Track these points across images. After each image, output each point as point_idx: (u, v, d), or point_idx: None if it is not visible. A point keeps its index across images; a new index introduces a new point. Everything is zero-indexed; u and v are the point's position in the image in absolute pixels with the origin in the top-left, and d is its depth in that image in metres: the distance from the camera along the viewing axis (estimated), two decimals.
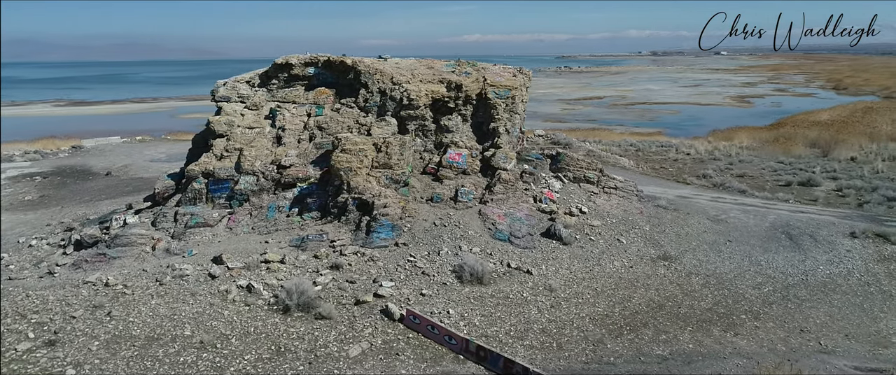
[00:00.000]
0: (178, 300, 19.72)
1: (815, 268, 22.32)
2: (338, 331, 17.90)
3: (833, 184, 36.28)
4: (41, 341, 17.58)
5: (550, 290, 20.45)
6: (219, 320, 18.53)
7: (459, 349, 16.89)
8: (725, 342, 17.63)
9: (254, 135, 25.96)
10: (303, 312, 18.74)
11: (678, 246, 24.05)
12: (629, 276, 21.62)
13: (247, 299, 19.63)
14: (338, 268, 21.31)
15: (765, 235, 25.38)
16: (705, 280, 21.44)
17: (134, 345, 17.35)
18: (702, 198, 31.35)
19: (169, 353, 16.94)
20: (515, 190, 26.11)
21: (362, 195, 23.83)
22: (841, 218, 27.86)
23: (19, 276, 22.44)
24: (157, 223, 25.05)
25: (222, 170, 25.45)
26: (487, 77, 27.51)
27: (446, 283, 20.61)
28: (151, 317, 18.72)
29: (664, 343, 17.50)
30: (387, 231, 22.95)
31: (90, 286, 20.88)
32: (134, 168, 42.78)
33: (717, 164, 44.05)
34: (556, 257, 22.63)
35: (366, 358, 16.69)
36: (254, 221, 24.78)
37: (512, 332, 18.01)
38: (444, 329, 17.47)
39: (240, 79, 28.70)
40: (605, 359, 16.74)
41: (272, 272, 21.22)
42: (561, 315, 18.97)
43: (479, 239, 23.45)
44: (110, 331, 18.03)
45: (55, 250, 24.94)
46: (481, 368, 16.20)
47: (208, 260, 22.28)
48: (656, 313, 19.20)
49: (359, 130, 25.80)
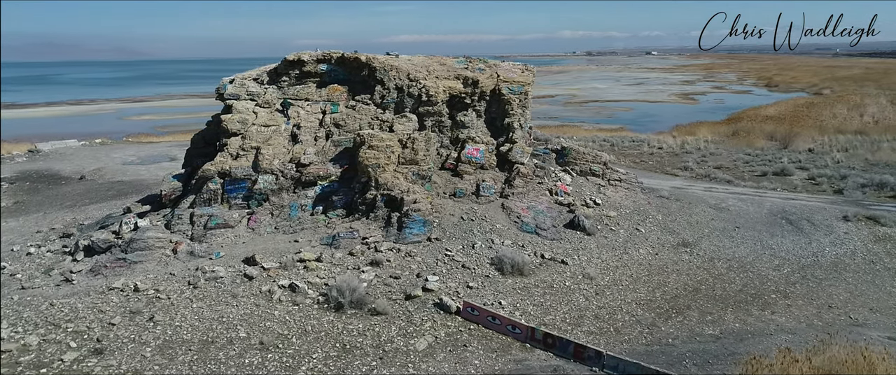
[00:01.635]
0: (220, 302, 19.18)
1: (821, 250, 23.88)
2: (397, 326, 17.88)
3: (805, 174, 38.68)
4: (86, 350, 16.79)
5: (589, 278, 21.07)
6: (271, 320, 18.15)
7: (524, 337, 17.21)
8: (766, 320, 18.69)
9: (270, 133, 25.40)
10: (356, 309, 18.60)
11: (693, 234, 25.17)
12: (657, 263, 22.50)
13: (293, 298, 19.29)
14: (378, 265, 21.21)
15: (767, 221, 26.91)
16: (728, 264, 22.58)
17: (190, 349, 16.80)
18: (696, 189, 32.84)
19: (230, 356, 16.51)
20: (533, 184, 26.64)
21: (391, 191, 23.76)
22: (828, 203, 29.86)
23: (32, 285, 21.19)
24: (172, 226, 24.16)
25: (239, 169, 24.78)
26: (500, 73, 27.90)
27: (488, 275, 20.88)
28: (198, 321, 18.16)
29: (712, 324, 18.39)
30: (419, 226, 22.99)
31: (118, 292, 20.03)
32: (108, 171, 40.82)
33: (691, 157, 46.06)
34: (584, 247, 23.27)
35: (435, 351, 16.77)
36: (277, 221, 24.28)
37: (567, 319, 18.49)
38: (507, 318, 17.76)
39: (246, 76, 27.95)
40: (663, 341, 17.46)
41: (311, 271, 20.91)
42: (607, 301, 19.60)
43: (508, 232, 23.82)
44: (159, 336, 17.39)
45: (61, 257, 23.64)
46: (550, 355, 16.58)
47: (239, 262, 21.74)
48: (694, 296, 20.12)
49: (380, 126, 25.68)
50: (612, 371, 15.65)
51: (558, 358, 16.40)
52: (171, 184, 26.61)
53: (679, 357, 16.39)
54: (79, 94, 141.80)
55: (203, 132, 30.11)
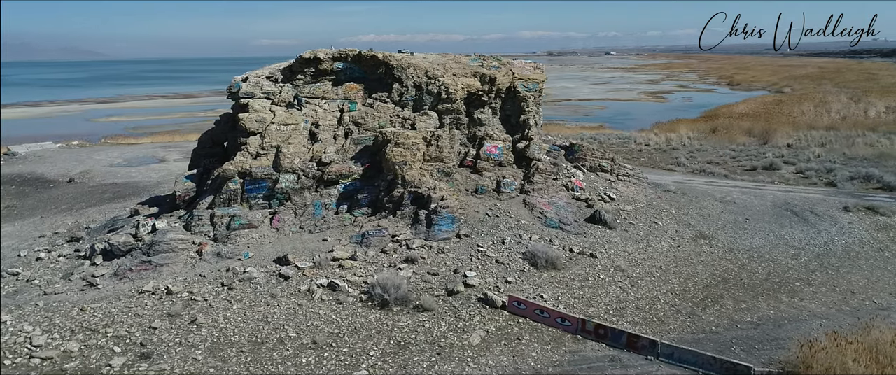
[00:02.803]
0: (260, 303, 18.90)
1: (831, 239, 24.89)
2: (447, 322, 17.93)
3: (792, 168, 40.14)
4: (133, 354, 16.36)
5: (621, 271, 21.50)
6: (317, 320, 17.99)
7: (575, 329, 17.48)
8: (797, 306, 19.43)
9: (289, 131, 25.07)
10: (401, 306, 18.58)
11: (707, 226, 25.91)
12: (681, 255, 23.10)
13: (335, 297, 19.14)
14: (413, 262, 21.21)
15: (773, 213, 27.89)
16: (748, 254, 23.33)
17: (241, 351, 16.54)
18: (697, 183, 33.77)
19: (285, 356, 16.31)
20: (551, 180, 26.99)
21: (418, 189, 23.77)
22: (825, 195, 31.11)
23: (54, 290, 20.48)
24: (192, 227, 23.63)
25: (260, 169, 24.41)
26: (514, 71, 28.17)
27: (523, 270, 21.11)
28: (243, 322, 17.87)
29: (748, 312, 19.01)
30: (447, 223, 23.07)
31: (149, 295, 19.56)
32: (97, 174, 39.55)
33: (679, 153, 47.26)
34: (608, 241, 23.71)
35: (490, 345, 16.89)
36: (301, 220, 24.01)
37: (610, 311, 18.85)
38: (555, 311, 18.01)
39: (259, 74, 27.54)
40: (707, 329, 17.97)
41: (346, 269, 20.78)
42: (644, 292, 20.05)
43: (533, 227, 24.10)
44: (206, 339, 17.05)
45: (77, 261, 22.90)
46: (603, 346, 16.89)
47: (270, 262, 21.46)
48: (724, 286, 20.74)
49: (402, 124, 25.64)
50: (667, 360, 16.07)
51: (611, 349, 16.74)
52: (185, 185, 26.03)
53: (726, 344, 16.92)
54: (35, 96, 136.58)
55: (211, 131, 29.55)
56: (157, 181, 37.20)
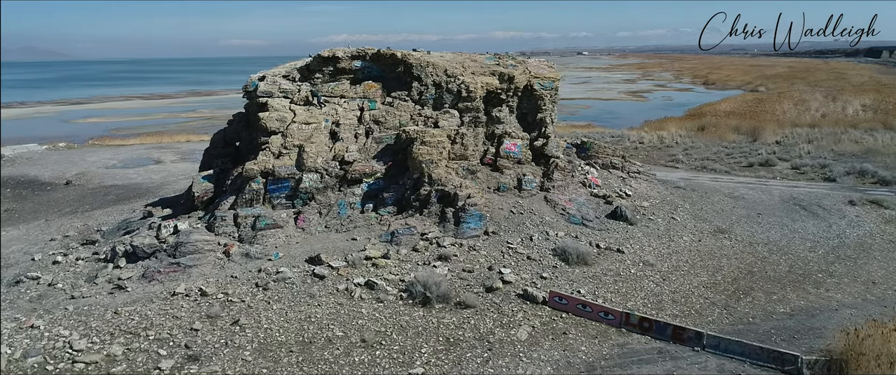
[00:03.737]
0: (299, 303, 18.77)
1: (843, 232, 25.65)
2: (491, 318, 18.03)
3: (787, 164, 41.18)
4: (180, 357, 16.14)
5: (650, 265, 21.85)
6: (361, 318, 17.93)
7: (618, 323, 17.72)
8: (825, 297, 19.99)
9: (311, 130, 24.87)
10: (443, 303, 18.61)
11: (723, 221, 26.47)
12: (704, 249, 23.57)
13: (375, 296, 19.10)
14: (446, 259, 21.26)
15: (782, 207, 28.61)
16: (768, 248, 23.90)
17: (291, 351, 16.42)
18: (702, 179, 34.43)
19: (336, 355, 16.23)
20: (570, 178, 27.27)
21: (445, 187, 23.81)
22: (828, 190, 32.02)
23: (81, 294, 20.00)
24: (215, 228, 23.30)
25: (283, 168, 24.18)
26: (530, 69, 28.38)
27: (555, 266, 21.32)
28: (286, 322, 17.73)
29: (779, 303, 19.49)
30: (476, 221, 23.16)
31: (183, 297, 19.29)
32: (94, 176, 38.65)
33: (673, 150, 48.10)
34: (632, 236, 24.07)
35: (538, 340, 17.03)
36: (326, 220, 23.86)
37: (648, 304, 19.15)
38: (598, 305, 18.24)
39: (275, 72, 27.26)
40: (744, 320, 18.39)
41: (381, 268, 20.73)
42: (677, 286, 20.41)
43: (557, 224, 24.34)
44: (252, 339, 16.88)
45: (99, 264, 22.38)
46: (648, 338, 17.16)
47: (301, 262, 21.30)
48: (751, 278, 21.23)
49: (425, 123, 25.64)
50: (714, 350, 16.41)
51: (657, 341, 17.03)
52: (203, 186, 25.65)
53: (766, 335, 17.34)
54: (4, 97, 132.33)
55: (224, 131, 29.20)
56: (159, 182, 36.52)
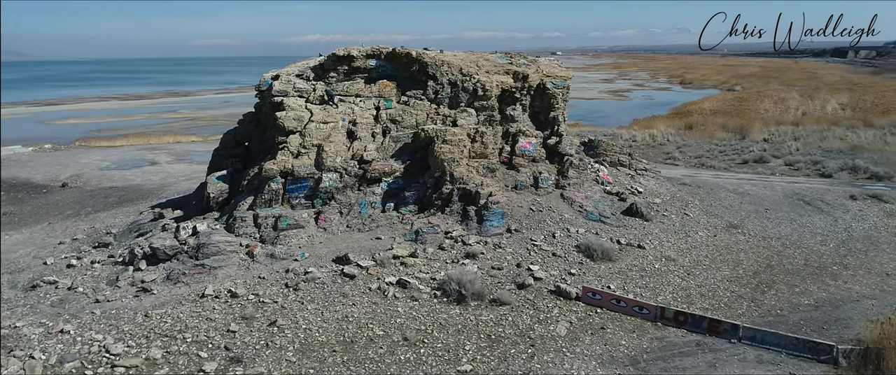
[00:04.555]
0: (333, 302, 18.68)
1: (849, 226, 26.39)
2: (528, 314, 18.16)
3: (780, 161, 42.17)
4: (222, 359, 15.98)
5: (672, 260, 22.22)
6: (399, 317, 17.92)
7: (653, 317, 18.00)
8: (844, 288, 20.56)
9: (329, 130, 24.71)
10: (478, 300, 18.69)
11: (734, 216, 27.01)
12: (720, 244, 24.03)
13: (408, 294, 19.10)
14: (474, 257, 21.34)
15: (787, 202, 29.32)
16: (781, 242, 24.48)
17: (334, 350, 16.35)
18: (704, 176, 35.08)
19: (380, 353, 16.20)
20: (584, 175, 27.57)
21: (466, 185, 23.89)
22: (828, 185, 32.91)
23: (105, 298, 19.62)
24: (235, 228, 23.05)
25: (302, 168, 24.00)
26: (542, 68, 28.61)
27: (581, 262, 21.54)
28: (324, 322, 17.64)
29: (803, 295, 20.00)
30: (498, 219, 23.28)
31: (213, 298, 19.10)
32: (90, 178, 37.80)
33: (667, 148, 48.85)
34: (649, 232, 24.43)
35: (577, 335, 17.21)
36: (348, 219, 23.75)
37: (678, 298, 19.48)
38: (632, 300, 18.50)
39: (288, 71, 27.04)
40: (772, 312, 18.82)
41: (409, 267, 20.73)
42: (702, 280, 20.80)
43: (576, 220, 24.59)
44: (292, 340, 16.77)
45: (117, 267, 21.97)
46: (684, 332, 17.47)
47: (328, 261, 21.20)
48: (771, 272, 21.73)
49: (443, 121, 25.68)
50: (750, 342, 16.78)
51: (693, 334, 17.34)
52: (217, 186, 25.32)
53: (796, 326, 17.77)
54: None
55: (234, 131, 28.87)
56: (160, 184, 35.89)
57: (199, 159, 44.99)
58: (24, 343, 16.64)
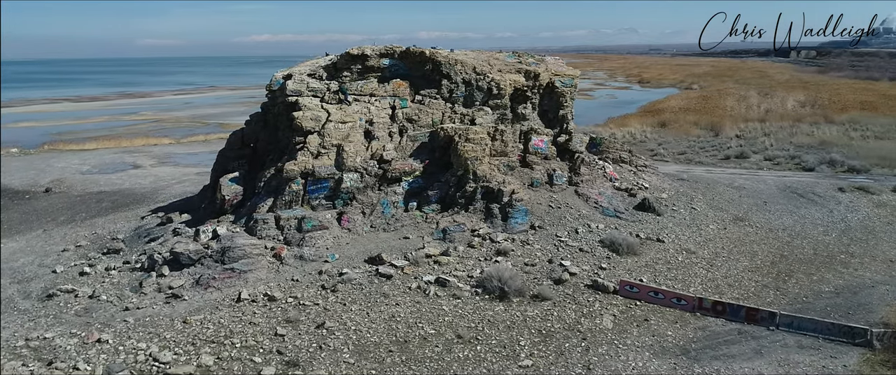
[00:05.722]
0: (376, 303, 18.57)
1: (845, 216, 27.70)
2: (571, 309, 18.44)
3: (760, 156, 43.86)
4: (278, 363, 15.74)
5: (692, 253, 22.90)
6: (445, 315, 17.95)
7: (691, 308, 18.54)
8: (857, 276, 21.60)
9: (347, 129, 24.48)
10: (520, 297, 18.88)
11: (737, 209, 27.98)
12: (732, 236, 24.88)
13: (450, 292, 19.14)
14: (505, 254, 21.52)
15: (781, 195, 30.55)
16: (787, 233, 25.51)
17: (390, 350, 16.26)
18: (698, 172, 36.17)
19: (438, 352, 16.20)
20: (595, 172, 28.08)
21: (489, 183, 24.03)
22: (814, 178, 34.43)
23: (133, 305, 18.97)
24: (257, 231, 22.61)
25: (323, 168, 23.70)
26: (550, 68, 29.00)
27: (609, 256, 21.99)
28: (371, 323, 17.52)
29: (821, 283, 20.93)
30: (522, 216, 23.53)
31: (250, 302, 18.77)
32: (74, 182, 36.25)
33: (648, 145, 50.10)
34: (664, 226, 25.10)
35: (624, 328, 17.58)
36: (371, 219, 23.57)
37: (708, 289, 20.10)
38: (670, 292, 19.01)
39: (300, 71, 26.64)
40: (798, 300, 19.63)
41: (443, 265, 20.76)
42: (725, 272, 21.51)
43: (593, 216, 25.06)
44: (344, 342, 16.62)
45: (134, 273, 21.31)
46: (723, 321, 18.05)
47: (360, 262, 21.07)
48: (786, 261, 22.63)
49: (461, 120, 25.74)
50: (787, 328, 17.49)
51: (732, 323, 17.95)
52: (232, 189, 24.81)
53: (824, 311, 18.60)
54: None
55: (241, 132, 28.29)
56: (151, 188, 34.72)
57: (183, 162, 43.79)
58: (63, 355, 15.97)
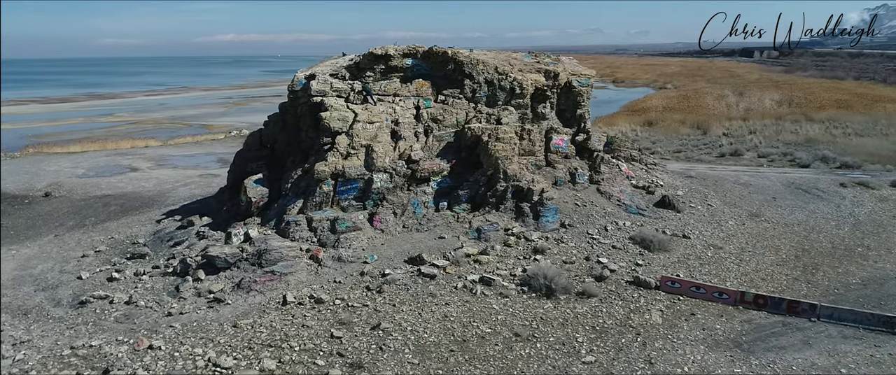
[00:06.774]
0: (425, 303, 18.59)
1: (852, 211, 28.65)
2: (618, 305, 18.71)
3: (754, 154, 45.04)
4: (342, 365, 15.68)
5: (719, 248, 23.42)
6: (497, 313, 18.06)
7: (733, 301, 19.00)
8: (878, 267, 22.39)
9: (375, 130, 24.36)
10: (566, 294, 19.08)
11: (750, 205, 28.70)
12: (752, 231, 25.51)
13: (496, 291, 19.24)
14: (542, 253, 21.71)
15: (787, 191, 31.44)
16: (803, 227, 26.28)
17: (451, 350, 16.30)
18: (702, 169, 36.95)
19: (499, 350, 16.29)
20: (614, 171, 28.50)
21: (519, 182, 24.20)
22: (814, 174, 35.51)
23: (177, 310, 18.59)
24: (289, 233, 22.36)
25: (353, 169, 23.57)
26: (567, 67, 29.32)
27: (641, 253, 22.36)
28: (426, 323, 17.53)
29: (847, 275, 21.64)
30: (553, 214, 23.76)
31: (297, 305, 18.59)
32: (73, 186, 35.22)
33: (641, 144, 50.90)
34: (686, 223, 25.63)
35: (673, 323, 17.92)
36: (403, 220, 23.51)
37: (743, 283, 20.60)
38: (711, 286, 19.44)
39: (322, 70, 26.44)
40: (830, 292, 20.28)
41: (484, 264, 20.85)
42: (754, 266, 22.06)
43: (618, 214, 25.44)
44: (404, 343, 16.62)
45: (167, 278, 20.88)
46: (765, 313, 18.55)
47: (400, 262, 21.04)
48: (810, 255, 23.32)
49: (487, 120, 25.85)
50: (828, 319, 18.07)
51: (775, 315, 18.46)
52: (258, 190, 24.48)
53: (857, 302, 19.24)
54: None
55: (259, 132, 27.95)
56: (157, 191, 33.96)
57: (181, 164, 42.93)
58: (118, 362, 15.60)
